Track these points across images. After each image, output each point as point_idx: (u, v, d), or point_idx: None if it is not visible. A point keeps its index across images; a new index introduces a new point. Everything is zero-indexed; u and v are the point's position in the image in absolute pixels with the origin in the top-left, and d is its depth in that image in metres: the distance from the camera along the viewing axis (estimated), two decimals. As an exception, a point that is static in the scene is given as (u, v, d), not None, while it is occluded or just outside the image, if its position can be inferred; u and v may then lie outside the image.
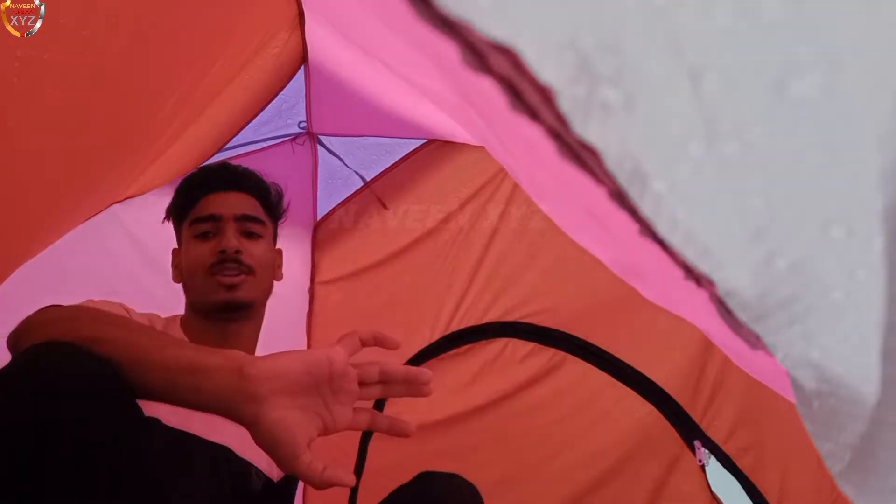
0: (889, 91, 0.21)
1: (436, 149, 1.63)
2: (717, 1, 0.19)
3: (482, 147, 1.56)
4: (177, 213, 1.11)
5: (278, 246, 1.18)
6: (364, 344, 0.75)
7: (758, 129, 0.21)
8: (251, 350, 1.11)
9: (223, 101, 1.15)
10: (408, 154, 1.66)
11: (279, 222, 1.18)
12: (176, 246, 1.13)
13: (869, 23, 0.20)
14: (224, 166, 1.12)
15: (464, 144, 1.59)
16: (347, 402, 0.71)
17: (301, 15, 1.16)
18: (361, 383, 0.71)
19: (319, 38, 1.22)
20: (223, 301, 1.01)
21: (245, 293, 1.03)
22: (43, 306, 0.74)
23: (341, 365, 0.68)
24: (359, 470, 1.68)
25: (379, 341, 0.75)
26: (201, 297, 1.03)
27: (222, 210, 1.05)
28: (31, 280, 1.04)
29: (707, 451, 1.46)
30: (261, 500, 1.06)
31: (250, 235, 1.07)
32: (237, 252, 1.02)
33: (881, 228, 0.23)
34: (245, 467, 1.02)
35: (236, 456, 1.01)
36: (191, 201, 1.08)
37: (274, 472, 1.09)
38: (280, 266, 1.18)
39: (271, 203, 1.14)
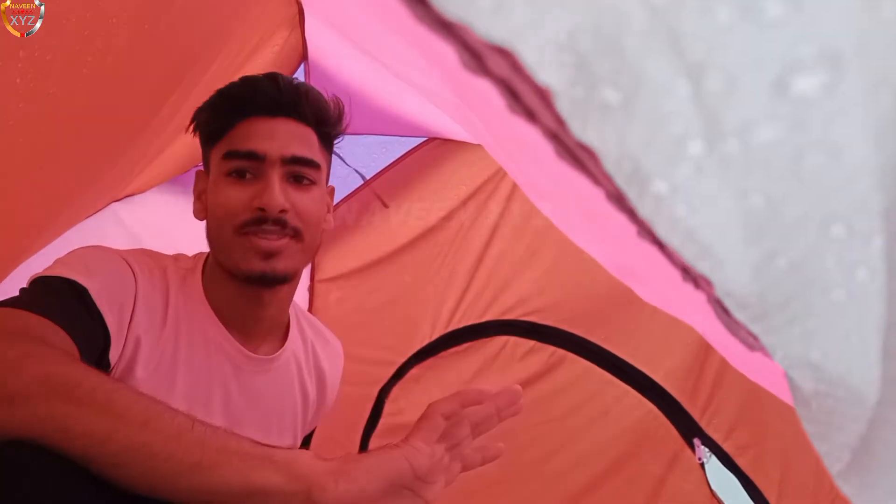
0: (890, 89, 0.21)
1: (436, 147, 1.63)
2: (717, -1, 0.20)
3: (481, 146, 1.56)
4: (206, 132, 0.86)
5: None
6: (451, 416, 0.64)
7: (758, 127, 0.21)
8: (284, 313, 0.93)
9: (223, 100, 1.15)
10: (408, 152, 1.66)
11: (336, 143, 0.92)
12: (199, 183, 0.89)
13: (870, 20, 0.20)
14: (273, 80, 0.83)
15: (464, 142, 1.59)
16: (438, 480, 0.62)
17: (301, 13, 1.16)
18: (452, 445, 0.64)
19: (319, 36, 1.22)
20: (257, 273, 0.80)
21: (286, 263, 0.81)
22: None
23: (426, 469, 0.59)
24: (359, 468, 1.68)
25: (472, 403, 0.65)
26: (229, 259, 0.82)
27: (267, 148, 0.80)
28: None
29: (706, 449, 1.46)
30: None
31: (300, 181, 0.83)
32: (282, 211, 0.79)
33: (882, 227, 0.23)
34: None
35: None
36: (226, 123, 0.82)
37: None
38: (331, 209, 0.93)
39: (330, 131, 0.88)
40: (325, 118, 0.86)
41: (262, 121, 0.82)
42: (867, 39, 0.20)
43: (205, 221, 0.87)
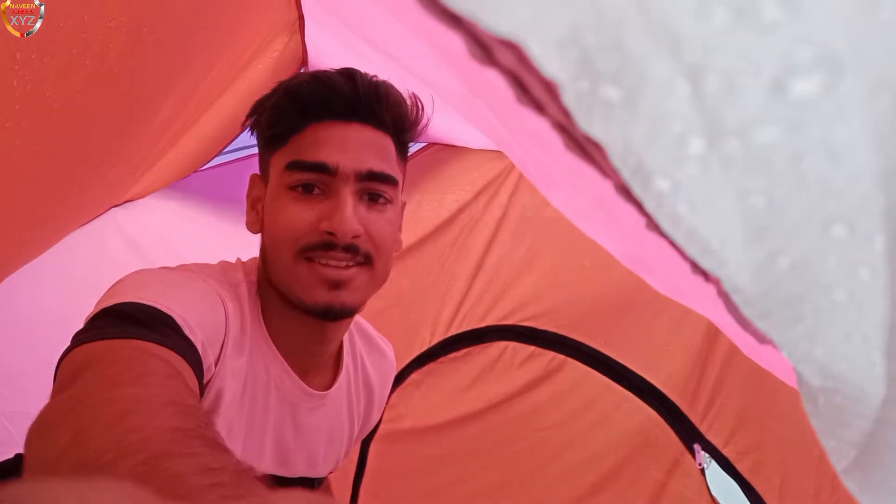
0: (888, 91, 0.21)
1: (436, 152, 1.63)
2: (715, 1, 0.20)
3: (482, 151, 1.56)
4: (267, 135, 0.74)
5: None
6: None
7: (758, 128, 0.21)
8: (341, 340, 0.84)
9: (223, 105, 1.15)
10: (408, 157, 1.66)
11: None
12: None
13: (867, 23, 0.20)
14: (350, 78, 0.71)
15: (464, 147, 1.59)
16: None
17: (301, 18, 1.16)
18: None
19: (319, 41, 1.22)
20: (321, 306, 0.69)
21: (353, 295, 0.70)
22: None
23: None
24: (359, 472, 1.68)
25: None
26: (288, 287, 0.70)
27: (339, 160, 0.68)
28: (31, 282, 1.04)
29: (707, 455, 1.46)
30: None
31: (375, 199, 0.72)
32: (354, 237, 0.68)
33: (882, 227, 0.23)
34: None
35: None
36: (292, 127, 0.70)
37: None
38: (400, 228, 0.81)
39: (407, 137, 0.76)
40: (404, 123, 0.75)
41: (335, 126, 0.70)
42: (865, 42, 0.20)
43: (256, 233, 0.76)
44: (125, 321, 0.55)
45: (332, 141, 0.69)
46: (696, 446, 1.46)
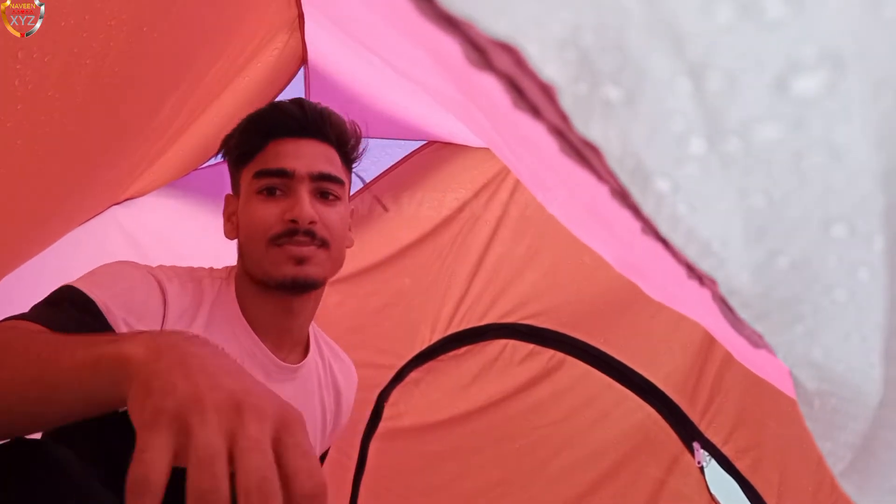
0: (890, 90, 0.21)
1: (436, 150, 1.63)
2: (719, -1, 0.20)
3: (482, 149, 1.56)
4: (236, 155, 0.93)
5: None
6: None
7: (760, 127, 0.21)
8: (308, 325, 1.00)
9: (223, 103, 1.15)
10: (408, 155, 1.66)
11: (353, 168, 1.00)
12: (230, 197, 0.96)
13: (870, 21, 0.20)
14: (300, 105, 0.92)
15: (464, 145, 1.59)
16: None
17: (301, 16, 1.16)
18: None
19: (319, 39, 1.22)
20: (290, 279, 0.86)
21: (315, 269, 0.88)
22: None
23: None
24: (359, 470, 1.68)
25: None
26: (261, 269, 0.87)
27: (296, 165, 0.87)
28: (31, 280, 1.04)
29: (706, 453, 1.46)
30: None
31: (325, 196, 0.91)
32: (311, 223, 0.86)
33: (882, 227, 0.23)
34: None
35: None
36: (256, 145, 0.90)
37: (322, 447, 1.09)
38: (351, 229, 0.99)
39: (350, 152, 0.97)
40: (345, 139, 0.95)
41: (290, 142, 0.89)
42: (868, 40, 0.20)
43: (233, 240, 0.93)
44: (50, 302, 0.74)
45: (288, 152, 0.89)
46: (696, 444, 1.46)
